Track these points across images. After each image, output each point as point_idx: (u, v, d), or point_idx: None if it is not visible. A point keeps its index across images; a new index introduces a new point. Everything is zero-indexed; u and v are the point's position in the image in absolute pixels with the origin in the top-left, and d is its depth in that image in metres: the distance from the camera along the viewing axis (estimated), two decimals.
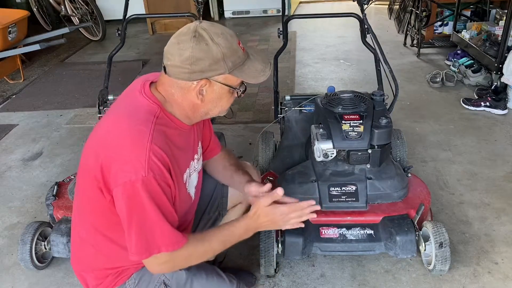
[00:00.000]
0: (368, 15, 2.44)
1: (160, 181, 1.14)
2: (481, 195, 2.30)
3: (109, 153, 1.16)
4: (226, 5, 6.26)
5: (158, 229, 1.16)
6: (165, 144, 1.18)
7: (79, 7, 5.29)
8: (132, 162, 1.12)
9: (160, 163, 1.14)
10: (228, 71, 1.18)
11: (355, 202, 1.84)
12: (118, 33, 2.61)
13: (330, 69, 4.21)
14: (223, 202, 1.65)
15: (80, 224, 1.33)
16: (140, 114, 1.19)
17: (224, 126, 3.06)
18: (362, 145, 1.79)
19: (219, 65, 1.16)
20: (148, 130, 1.15)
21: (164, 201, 1.17)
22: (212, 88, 1.20)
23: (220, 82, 1.20)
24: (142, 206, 1.13)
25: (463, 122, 3.06)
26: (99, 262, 1.33)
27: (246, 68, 1.22)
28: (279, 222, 1.32)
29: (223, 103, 1.26)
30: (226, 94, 1.24)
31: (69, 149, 2.96)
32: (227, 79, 1.20)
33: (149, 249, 1.17)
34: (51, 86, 4.17)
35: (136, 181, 1.11)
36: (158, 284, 1.32)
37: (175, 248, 1.19)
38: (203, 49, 1.14)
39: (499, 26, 3.58)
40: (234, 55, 1.18)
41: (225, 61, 1.16)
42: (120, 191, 1.13)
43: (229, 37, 1.18)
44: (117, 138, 1.17)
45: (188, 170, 1.35)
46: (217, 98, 1.23)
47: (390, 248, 1.77)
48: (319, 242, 1.80)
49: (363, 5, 2.43)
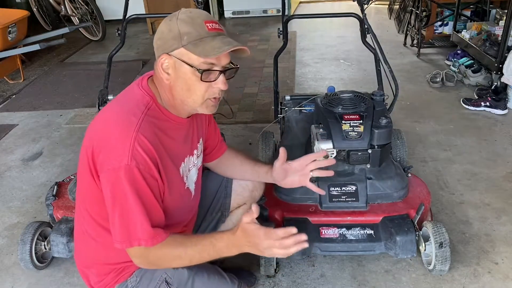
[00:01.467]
0: (368, 15, 2.44)
1: (144, 172, 1.14)
2: (481, 195, 2.30)
3: (99, 140, 1.19)
4: (226, 5, 6.27)
5: (138, 220, 1.16)
6: (154, 135, 1.18)
7: (79, 7, 5.29)
8: (117, 150, 1.13)
9: (145, 153, 1.14)
10: (181, 45, 1.16)
11: (355, 202, 1.85)
12: (118, 33, 2.61)
13: (330, 69, 4.21)
14: (226, 202, 1.66)
15: (81, 216, 1.33)
16: (132, 105, 1.21)
17: (224, 126, 3.06)
18: (362, 145, 1.79)
19: (175, 40, 1.17)
20: (137, 119, 1.17)
21: (146, 193, 1.16)
22: (175, 67, 1.19)
23: (177, 58, 1.18)
24: (124, 194, 1.14)
25: (463, 122, 3.06)
26: (100, 256, 1.33)
27: (202, 44, 1.16)
28: (260, 246, 1.15)
29: (193, 88, 1.20)
30: (191, 77, 1.19)
31: (69, 149, 2.96)
32: (183, 54, 1.17)
33: (130, 238, 1.17)
34: (51, 86, 4.17)
35: (119, 169, 1.12)
36: (160, 282, 1.32)
37: (150, 244, 1.17)
38: (167, 24, 1.18)
39: (499, 26, 3.58)
40: (193, 31, 1.16)
41: (181, 36, 1.16)
42: (105, 177, 1.15)
43: (195, 15, 1.18)
44: (107, 126, 1.20)
45: (184, 164, 1.34)
46: (183, 78, 1.19)
47: (390, 248, 1.77)
48: (319, 242, 1.80)
49: (363, 5, 2.43)
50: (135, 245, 1.17)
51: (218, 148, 1.60)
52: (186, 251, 1.20)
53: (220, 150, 1.61)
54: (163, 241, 1.19)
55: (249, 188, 1.66)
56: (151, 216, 1.17)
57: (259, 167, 1.58)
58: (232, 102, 3.43)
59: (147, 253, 1.20)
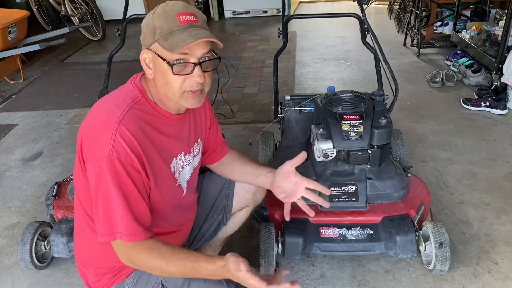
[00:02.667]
0: (368, 15, 2.44)
1: (126, 164, 1.14)
2: (481, 195, 2.30)
3: (86, 131, 1.20)
4: (226, 5, 6.27)
5: (118, 213, 1.14)
6: (137, 128, 1.18)
7: (79, 7, 5.30)
8: (100, 141, 1.14)
9: (127, 145, 1.14)
10: (154, 40, 1.18)
11: (355, 202, 1.84)
12: (118, 33, 2.62)
13: (330, 69, 4.21)
14: (228, 205, 1.65)
15: (79, 212, 1.33)
16: (120, 98, 1.22)
17: (224, 126, 3.06)
18: (362, 145, 1.79)
19: (151, 35, 1.18)
20: (121, 111, 1.17)
21: (128, 185, 1.15)
22: (153, 61, 1.20)
23: (153, 52, 1.19)
24: (106, 186, 1.13)
25: (463, 122, 3.06)
26: (98, 254, 1.33)
27: (171, 37, 1.15)
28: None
29: (169, 82, 1.19)
30: (166, 71, 1.18)
31: (69, 149, 2.96)
32: (157, 49, 1.18)
33: (112, 231, 1.16)
34: (51, 86, 4.17)
35: (101, 160, 1.12)
36: (156, 285, 1.31)
37: (127, 239, 1.15)
38: (146, 19, 1.21)
39: (499, 26, 3.58)
40: (165, 25, 1.17)
41: (155, 31, 1.17)
42: (90, 168, 1.16)
43: (169, 8, 1.18)
44: (93, 117, 1.22)
45: (176, 160, 1.33)
46: (160, 72, 1.20)
47: (390, 248, 1.77)
48: (319, 242, 1.80)
49: (363, 5, 2.44)
50: (117, 238, 1.16)
51: (219, 150, 1.59)
52: (168, 266, 1.18)
53: (221, 153, 1.60)
54: (142, 241, 1.17)
55: (252, 191, 1.64)
56: (133, 209, 1.16)
57: (260, 170, 1.54)
58: (232, 102, 3.43)
59: (127, 250, 1.19)
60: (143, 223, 1.18)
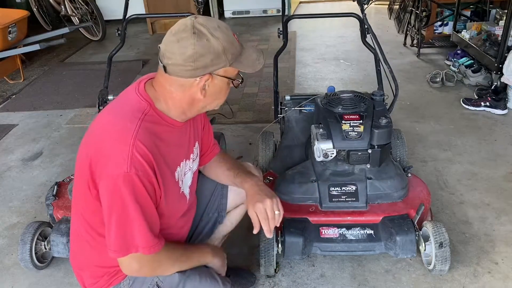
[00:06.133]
0: (368, 15, 2.44)
1: (143, 179, 1.14)
2: (481, 195, 2.30)
3: (96, 148, 1.17)
4: (226, 5, 6.27)
5: (136, 228, 1.15)
6: (151, 142, 1.17)
7: (79, 7, 5.29)
8: (116, 158, 1.12)
9: (144, 160, 1.14)
10: (228, 64, 1.19)
11: (355, 202, 1.84)
12: (118, 33, 2.61)
13: (330, 69, 4.21)
14: (223, 203, 1.65)
15: (77, 219, 1.33)
16: (129, 111, 1.20)
17: (224, 126, 3.06)
18: (362, 145, 1.79)
19: (220, 59, 1.17)
20: (134, 126, 1.16)
21: (146, 200, 1.16)
22: (213, 82, 1.21)
23: (221, 75, 1.21)
24: (122, 202, 1.13)
25: (463, 122, 3.06)
26: (94, 259, 1.33)
27: (244, 59, 1.23)
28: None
29: (222, 95, 1.28)
30: (225, 86, 1.25)
31: (69, 149, 2.96)
32: (227, 71, 1.21)
33: (127, 247, 1.17)
34: (51, 86, 4.17)
35: (118, 177, 1.11)
36: (151, 286, 1.32)
37: (148, 252, 1.19)
38: (205, 45, 1.15)
39: (499, 26, 3.58)
40: (232, 47, 1.19)
41: (225, 54, 1.17)
42: (104, 185, 1.14)
43: (225, 29, 1.19)
44: (104, 133, 1.19)
45: (180, 168, 1.33)
46: (218, 91, 1.24)
47: (390, 248, 1.77)
48: (319, 242, 1.80)
49: (363, 5, 2.43)
50: (132, 252, 1.17)
51: (211, 150, 1.59)
52: (181, 267, 1.33)
53: (212, 153, 1.59)
54: (159, 251, 1.21)
55: None
56: (149, 222, 1.17)
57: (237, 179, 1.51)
58: (232, 102, 3.43)
59: (143, 261, 1.21)
60: (157, 233, 1.21)
